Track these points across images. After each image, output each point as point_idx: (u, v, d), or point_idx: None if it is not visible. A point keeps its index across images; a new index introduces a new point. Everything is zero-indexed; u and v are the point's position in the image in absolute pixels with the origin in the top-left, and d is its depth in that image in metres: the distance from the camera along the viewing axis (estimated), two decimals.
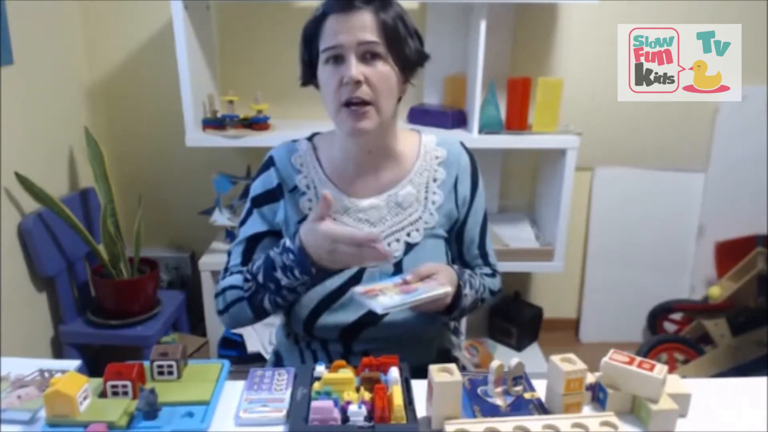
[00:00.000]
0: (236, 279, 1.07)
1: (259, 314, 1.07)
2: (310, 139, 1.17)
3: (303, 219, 1.09)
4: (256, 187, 1.14)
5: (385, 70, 1.01)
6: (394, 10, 1.03)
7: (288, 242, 1.00)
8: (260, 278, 1.02)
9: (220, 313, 1.11)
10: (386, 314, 1.05)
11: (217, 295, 1.11)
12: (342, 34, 0.98)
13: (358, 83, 0.98)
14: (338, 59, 1.00)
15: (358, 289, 0.97)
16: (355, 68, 0.98)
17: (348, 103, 1.00)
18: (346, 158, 1.12)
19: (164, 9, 1.94)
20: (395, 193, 1.11)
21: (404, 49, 1.03)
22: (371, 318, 1.05)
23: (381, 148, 1.10)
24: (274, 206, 1.12)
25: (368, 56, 1.00)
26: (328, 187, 1.11)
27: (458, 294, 1.04)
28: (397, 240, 1.10)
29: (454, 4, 2.12)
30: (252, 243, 1.12)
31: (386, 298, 0.93)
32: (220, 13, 2.21)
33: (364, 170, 1.12)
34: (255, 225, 1.13)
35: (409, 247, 1.10)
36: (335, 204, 1.10)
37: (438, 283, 0.97)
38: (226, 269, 1.13)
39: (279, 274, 1.00)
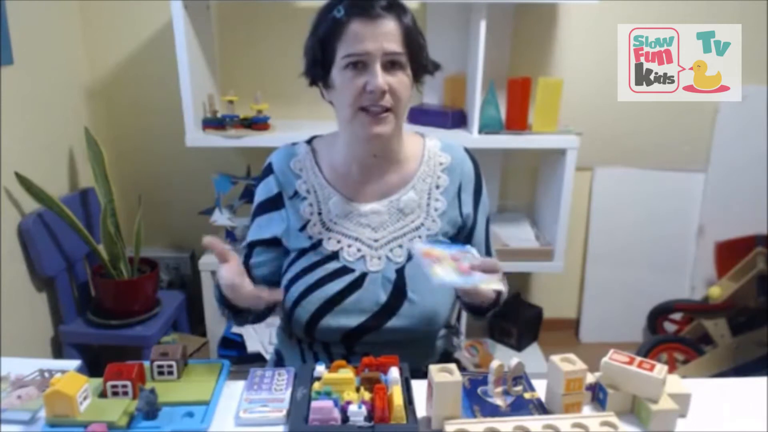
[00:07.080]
0: None
1: (241, 324, 1.10)
2: (309, 142, 1.17)
3: (304, 226, 1.09)
4: (259, 194, 1.15)
5: (405, 80, 1.02)
6: (409, 16, 1.04)
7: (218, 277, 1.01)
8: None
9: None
10: (388, 319, 1.05)
11: None
12: (368, 42, 0.98)
13: (383, 93, 0.99)
14: (360, 65, 1.00)
15: (418, 246, 0.97)
16: (382, 78, 0.98)
17: (367, 108, 1.00)
18: (350, 162, 1.11)
19: (164, 9, 1.94)
20: (397, 198, 1.11)
21: (422, 60, 1.06)
22: (374, 323, 1.06)
23: (387, 152, 1.10)
24: (273, 215, 1.12)
25: (389, 65, 1.00)
26: (328, 191, 1.11)
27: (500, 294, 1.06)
28: (400, 246, 1.09)
29: (454, 4, 2.12)
30: (249, 250, 1.14)
31: (443, 270, 0.91)
32: (220, 13, 2.21)
33: (367, 174, 1.11)
34: (253, 232, 1.15)
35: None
36: (338, 209, 1.10)
37: (497, 278, 0.95)
38: None
39: (218, 304, 1.06)
